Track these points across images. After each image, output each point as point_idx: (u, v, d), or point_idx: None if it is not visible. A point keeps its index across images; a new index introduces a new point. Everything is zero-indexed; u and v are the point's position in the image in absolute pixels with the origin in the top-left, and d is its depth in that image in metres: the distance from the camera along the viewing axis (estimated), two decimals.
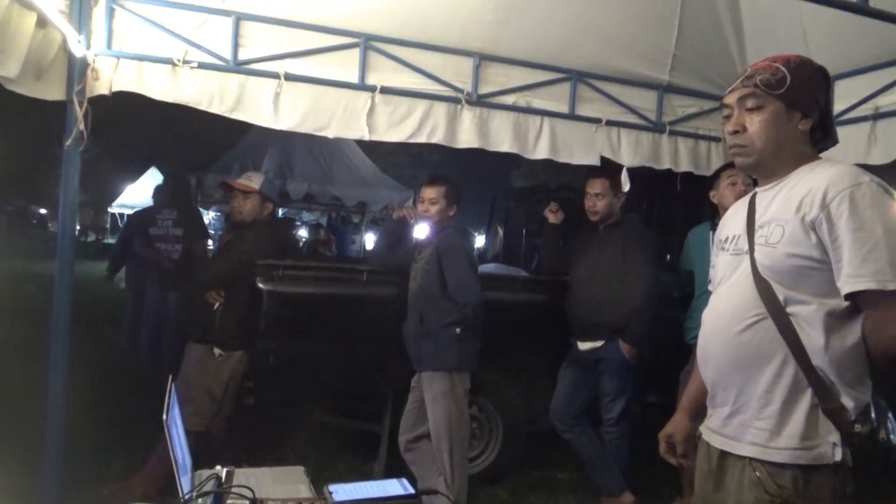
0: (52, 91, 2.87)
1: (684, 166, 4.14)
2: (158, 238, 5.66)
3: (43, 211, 36.20)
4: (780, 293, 1.55)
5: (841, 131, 3.63)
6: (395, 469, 3.53)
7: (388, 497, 1.79)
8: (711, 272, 1.86)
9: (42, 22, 2.62)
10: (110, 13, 3.07)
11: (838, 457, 1.50)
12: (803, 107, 1.61)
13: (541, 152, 3.81)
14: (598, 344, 3.65)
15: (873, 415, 1.54)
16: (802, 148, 1.64)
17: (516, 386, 4.06)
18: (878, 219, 1.46)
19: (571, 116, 3.87)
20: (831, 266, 1.50)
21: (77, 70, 2.95)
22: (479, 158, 5.60)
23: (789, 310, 1.54)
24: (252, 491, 1.59)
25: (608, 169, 3.82)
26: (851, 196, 1.48)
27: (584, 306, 3.71)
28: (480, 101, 3.68)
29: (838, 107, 3.72)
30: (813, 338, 1.52)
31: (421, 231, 3.68)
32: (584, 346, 3.72)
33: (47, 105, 2.92)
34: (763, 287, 1.57)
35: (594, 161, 3.89)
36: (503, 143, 3.73)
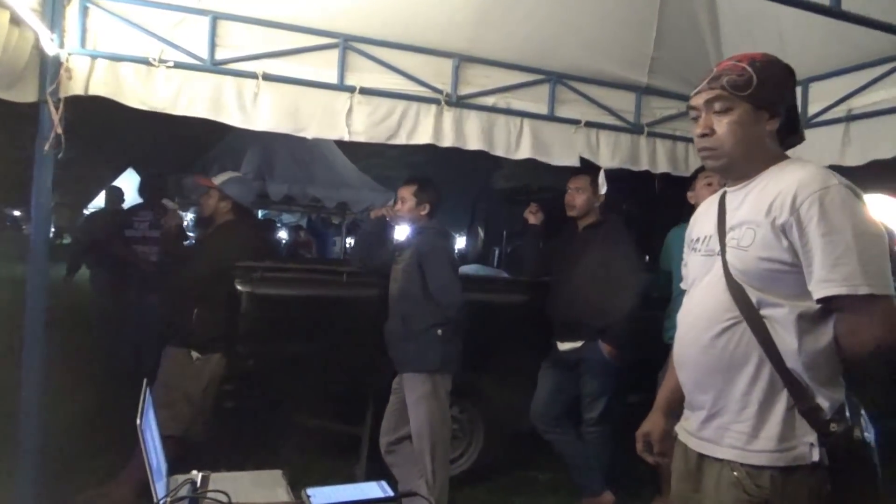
0: (25, 93, 2.82)
1: (662, 167, 4.18)
2: (136, 240, 5.59)
3: (17, 213, 35.58)
4: (753, 296, 1.55)
5: (815, 133, 3.75)
6: (377, 471, 3.51)
7: (367, 500, 1.78)
8: (683, 271, 1.87)
9: (15, 21, 2.57)
10: (84, 11, 3.02)
11: (815, 457, 1.51)
12: (770, 107, 1.62)
13: (521, 153, 3.82)
14: (579, 344, 3.66)
15: (848, 414, 1.55)
16: (771, 148, 1.65)
17: (497, 387, 4.06)
18: (848, 222, 1.46)
19: (551, 118, 3.88)
20: (803, 269, 1.51)
21: (50, 70, 2.90)
22: (459, 160, 5.59)
23: (762, 312, 1.55)
24: (227, 495, 1.56)
25: (590, 168, 3.86)
26: (821, 199, 1.48)
27: (564, 307, 3.72)
28: (460, 101, 3.67)
29: (812, 109, 3.78)
30: (786, 340, 1.53)
31: (401, 232, 3.68)
32: (564, 346, 3.73)
33: (19, 105, 2.87)
34: (736, 290, 1.58)
35: (573, 162, 3.91)
36: (483, 143, 3.73)
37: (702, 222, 1.79)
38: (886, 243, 1.51)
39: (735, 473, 1.56)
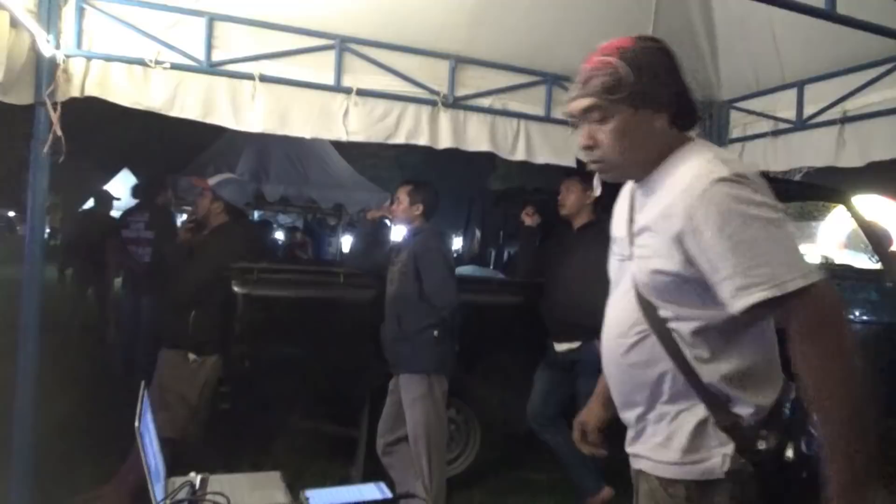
0: (22, 95, 2.81)
1: None
2: (131, 241, 5.58)
3: (11, 214, 35.42)
4: (659, 308, 1.43)
5: (810, 135, 3.78)
6: (373, 473, 3.51)
7: (365, 501, 1.78)
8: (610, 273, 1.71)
9: (13, 22, 2.56)
10: (80, 12, 3.02)
11: (727, 467, 1.39)
12: (653, 102, 1.43)
13: (517, 154, 3.83)
14: (575, 345, 3.67)
15: (781, 427, 1.39)
16: (665, 142, 1.46)
17: (494, 388, 4.07)
18: (748, 217, 1.28)
19: (547, 119, 3.89)
20: (704, 279, 1.34)
21: (47, 71, 2.89)
22: (455, 161, 5.62)
23: (670, 326, 1.42)
24: (227, 498, 1.56)
25: (584, 170, 3.86)
26: (711, 200, 1.30)
27: (559, 308, 3.72)
28: (457, 103, 3.68)
29: (808, 111, 3.80)
30: (698, 353, 1.40)
31: (397, 233, 3.68)
32: (560, 347, 3.74)
33: (12, 105, 2.85)
34: (644, 301, 1.46)
35: (570, 163, 3.92)
36: (480, 144, 3.74)
37: (616, 221, 1.63)
38: (788, 223, 1.33)
39: (649, 484, 1.50)
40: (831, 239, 11.36)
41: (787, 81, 3.89)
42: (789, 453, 1.36)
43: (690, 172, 1.37)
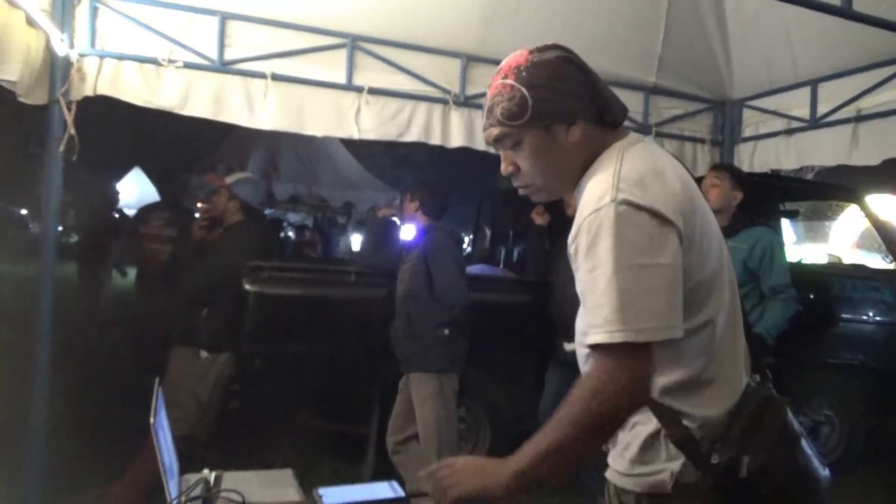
0: (38, 94, 2.83)
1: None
2: (150, 238, 5.59)
3: (23, 212, 35.69)
4: None
5: (824, 133, 3.75)
6: (383, 471, 3.51)
7: (378, 500, 1.79)
8: None
9: (28, 22, 2.58)
10: (94, 12, 3.03)
11: (674, 481, 1.32)
12: (562, 117, 1.34)
13: None
14: None
15: (737, 440, 1.31)
16: (584, 152, 1.38)
17: (503, 387, 4.06)
18: (611, 253, 1.20)
19: None
20: None
21: (61, 70, 2.91)
22: (465, 160, 5.60)
23: None
24: (241, 495, 1.57)
25: None
26: (588, 228, 1.24)
27: (569, 307, 3.69)
28: (468, 101, 3.68)
29: (821, 109, 3.77)
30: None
31: (408, 232, 3.69)
32: (570, 346, 3.73)
33: (24, 104, 2.87)
34: None
35: None
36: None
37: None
38: (663, 272, 1.22)
39: (608, 492, 1.47)
40: (844, 238, 11.28)
41: (801, 79, 3.86)
42: (744, 470, 1.27)
43: (588, 193, 1.30)
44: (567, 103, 1.34)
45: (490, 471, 1.28)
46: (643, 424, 1.38)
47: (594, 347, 1.23)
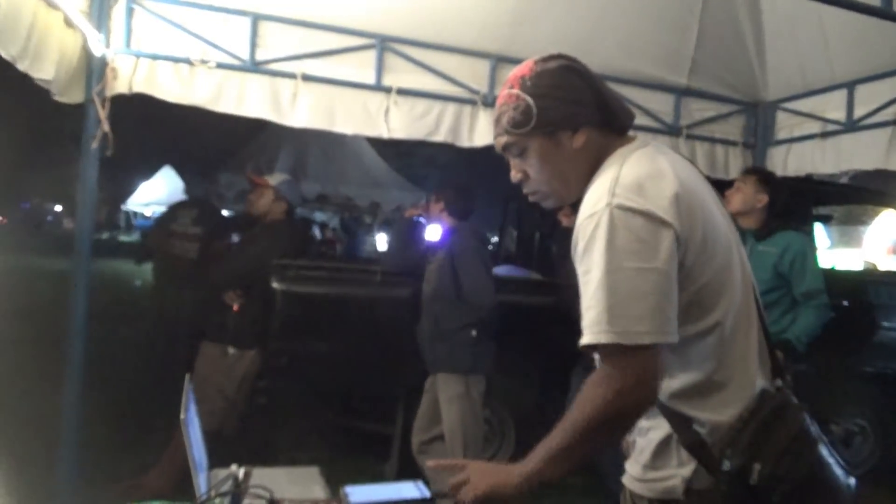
0: (75, 94, 2.89)
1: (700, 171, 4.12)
2: (178, 235, 5.68)
3: (58, 208, 36.51)
4: None
5: (860, 136, 3.67)
6: (408, 470, 3.52)
7: (403, 500, 1.79)
8: None
9: (67, 22, 2.64)
10: (129, 12, 3.09)
11: (684, 487, 1.32)
12: (567, 123, 1.38)
13: None
14: None
15: (747, 446, 1.29)
16: (590, 158, 1.41)
17: (528, 389, 4.05)
18: (602, 255, 1.23)
19: None
20: None
21: (96, 69, 2.97)
22: (491, 160, 5.58)
23: None
24: (269, 492, 1.58)
25: None
26: (583, 231, 1.28)
27: None
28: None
29: (858, 112, 3.69)
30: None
31: (434, 232, 3.69)
32: None
33: (62, 104, 2.94)
34: None
35: None
36: None
37: None
38: (653, 277, 1.22)
39: (624, 497, 1.48)
40: (879, 244, 11.03)
41: (837, 81, 3.78)
42: (754, 476, 1.25)
43: (589, 197, 1.33)
44: (570, 110, 1.38)
45: (501, 473, 1.35)
46: (656, 430, 1.38)
47: (590, 349, 1.26)
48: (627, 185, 1.27)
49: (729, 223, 1.43)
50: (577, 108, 1.39)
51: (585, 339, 1.25)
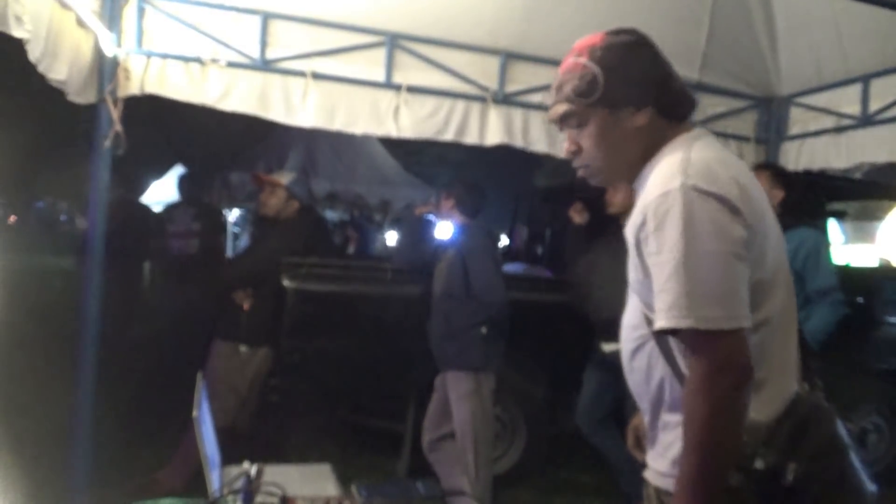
0: (88, 94, 2.91)
1: None
2: (175, 235, 5.74)
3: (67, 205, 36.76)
4: (650, 316, 1.34)
5: (875, 131, 3.63)
6: (419, 468, 3.53)
7: (414, 497, 1.79)
8: None
9: (79, 23, 2.66)
10: (141, 12, 3.10)
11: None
12: (631, 100, 1.36)
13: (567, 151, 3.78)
14: None
15: (781, 446, 1.28)
16: (649, 139, 1.38)
17: (539, 387, 4.04)
18: (678, 237, 1.20)
19: None
20: None
21: (108, 69, 2.99)
22: (501, 158, 5.58)
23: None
24: (282, 489, 1.59)
25: None
26: (655, 211, 1.24)
27: (607, 307, 3.65)
28: (507, 99, 3.66)
29: (873, 106, 3.65)
30: (686, 362, 1.31)
31: (444, 230, 3.69)
32: (608, 347, 3.68)
33: (75, 105, 2.96)
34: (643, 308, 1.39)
35: None
36: (530, 141, 3.71)
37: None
38: (735, 258, 1.22)
39: (648, 493, 1.44)
40: (892, 239, 10.92)
41: (852, 75, 3.74)
42: (789, 476, 1.23)
43: (654, 178, 1.31)
44: (637, 87, 1.35)
45: None
46: (680, 426, 1.33)
47: (664, 333, 1.24)
48: (701, 169, 1.26)
49: (776, 222, 1.41)
50: (643, 87, 1.36)
51: (662, 324, 1.22)
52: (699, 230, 1.20)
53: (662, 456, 1.40)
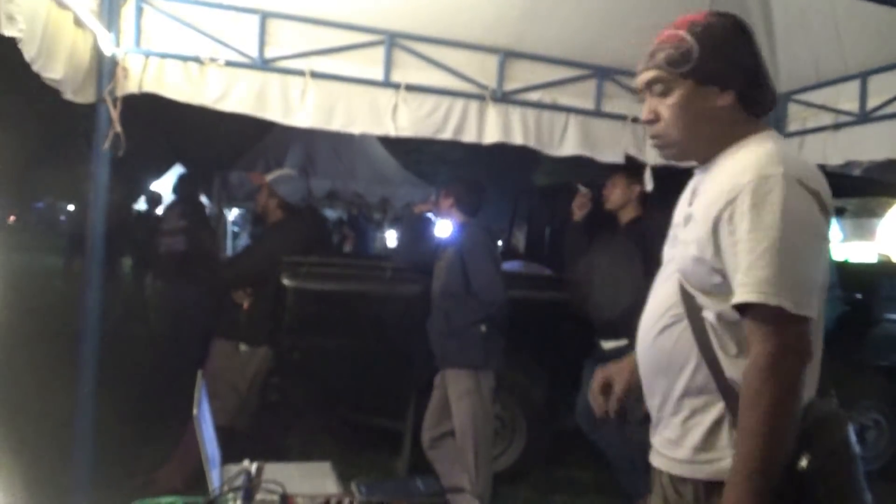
0: (86, 94, 2.91)
1: None
2: (167, 232, 5.77)
3: (71, 207, 36.78)
4: (697, 296, 1.39)
5: (874, 128, 3.63)
6: (419, 466, 3.53)
7: (414, 495, 1.79)
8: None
9: (77, 22, 2.66)
10: (139, 11, 3.10)
11: None
12: (719, 79, 1.39)
13: (566, 149, 3.79)
14: (622, 343, 3.61)
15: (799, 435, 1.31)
16: (727, 125, 1.42)
17: (539, 385, 4.04)
18: (778, 218, 1.25)
19: (597, 113, 3.83)
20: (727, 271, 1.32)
21: (107, 69, 2.99)
22: (500, 156, 5.59)
23: (705, 314, 1.38)
24: (282, 486, 1.59)
25: (632, 165, 3.81)
26: (755, 189, 1.27)
27: (607, 304, 3.67)
28: (505, 97, 3.66)
29: (871, 103, 3.65)
30: (726, 347, 1.35)
31: (444, 229, 3.70)
32: (608, 345, 3.69)
33: (76, 103, 2.96)
34: (683, 287, 1.41)
35: (619, 159, 3.86)
36: (528, 139, 3.71)
37: (678, 207, 1.58)
38: (820, 254, 1.31)
39: (661, 480, 1.45)
40: (891, 236, 10.92)
41: (850, 72, 3.74)
42: (803, 462, 1.27)
43: (745, 161, 1.33)
44: (728, 69, 1.39)
45: None
46: (708, 410, 1.38)
47: (742, 307, 1.27)
48: (800, 165, 1.32)
49: None
50: (735, 71, 1.39)
51: (749, 297, 1.25)
52: (797, 218, 1.26)
53: (678, 444, 1.41)
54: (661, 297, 1.47)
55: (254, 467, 1.53)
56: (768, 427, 1.23)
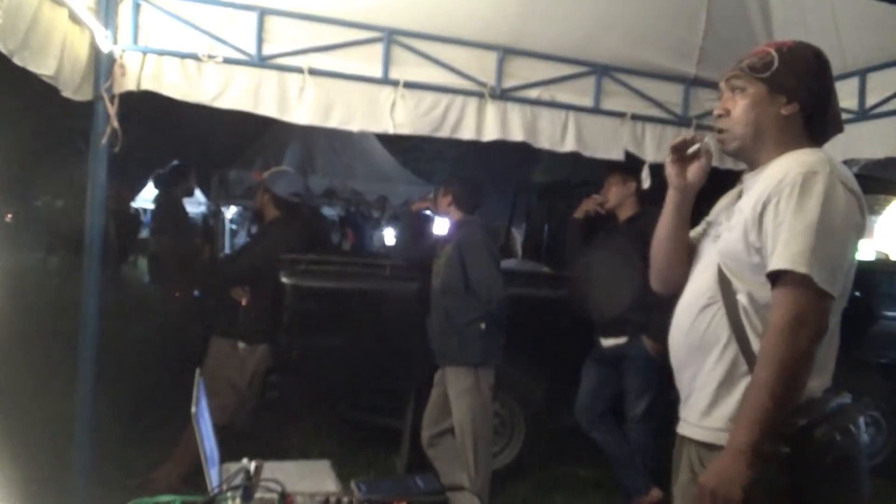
0: (84, 91, 2.89)
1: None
2: (153, 230, 5.80)
3: (59, 204, 36.57)
4: (732, 279, 1.55)
5: (872, 125, 3.63)
6: (418, 463, 3.53)
7: (414, 493, 1.79)
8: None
9: (73, 19, 2.64)
10: (136, 8, 3.09)
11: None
12: (788, 90, 1.59)
13: (565, 146, 3.78)
14: (622, 340, 3.62)
15: (828, 410, 1.48)
16: (786, 134, 1.61)
17: (538, 382, 4.04)
18: (818, 208, 1.43)
19: (596, 111, 3.82)
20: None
21: (104, 66, 2.97)
22: (499, 154, 5.59)
23: (738, 297, 1.54)
24: (281, 485, 1.59)
25: (628, 163, 3.81)
26: (803, 182, 1.46)
27: (606, 302, 3.67)
28: (504, 95, 3.65)
29: (870, 100, 3.65)
30: (755, 327, 1.51)
31: (442, 226, 3.70)
32: (607, 342, 3.69)
33: (73, 101, 2.94)
34: (722, 273, 1.58)
35: (618, 156, 3.85)
36: (526, 136, 3.70)
37: (718, 207, 1.78)
38: (853, 244, 1.49)
39: (689, 454, 1.59)
40: (890, 234, 10.94)
41: (849, 69, 3.73)
42: (817, 433, 1.43)
43: (796, 161, 1.52)
44: (800, 87, 1.59)
45: (730, 469, 1.38)
46: (733, 384, 1.52)
47: (775, 275, 1.44)
48: (842, 169, 1.52)
49: None
50: (803, 88, 1.59)
51: (782, 265, 1.43)
52: (835, 208, 1.44)
53: (709, 414, 1.55)
54: (699, 284, 1.63)
55: (253, 466, 1.52)
56: (776, 385, 1.37)
